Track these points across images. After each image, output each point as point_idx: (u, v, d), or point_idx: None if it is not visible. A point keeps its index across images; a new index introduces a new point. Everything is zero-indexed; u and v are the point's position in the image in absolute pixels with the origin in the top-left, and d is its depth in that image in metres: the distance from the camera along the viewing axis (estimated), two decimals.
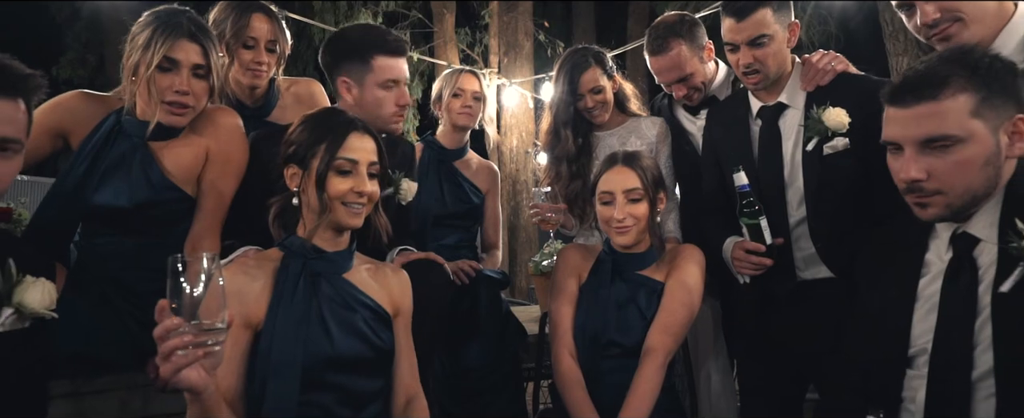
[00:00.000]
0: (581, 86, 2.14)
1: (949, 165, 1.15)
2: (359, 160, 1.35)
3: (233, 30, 1.90)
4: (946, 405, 1.14)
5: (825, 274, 1.76)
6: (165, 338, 0.98)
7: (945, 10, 1.47)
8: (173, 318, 0.98)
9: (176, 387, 1.04)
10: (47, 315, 1.21)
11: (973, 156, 1.15)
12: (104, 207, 1.58)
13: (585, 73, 2.14)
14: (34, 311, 1.19)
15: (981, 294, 1.14)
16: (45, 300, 1.21)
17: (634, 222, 1.66)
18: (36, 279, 1.20)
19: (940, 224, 1.25)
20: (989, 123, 1.15)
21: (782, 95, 1.84)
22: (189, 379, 1.01)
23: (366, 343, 1.32)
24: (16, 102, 1.16)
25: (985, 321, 1.12)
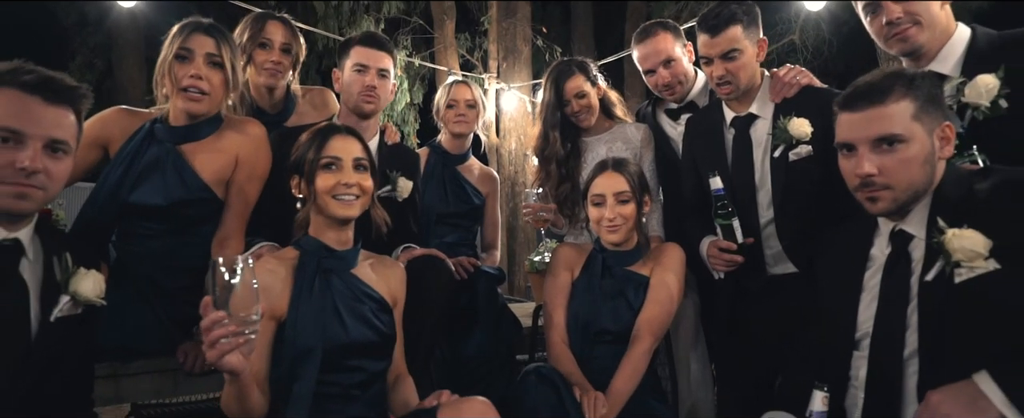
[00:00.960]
0: (566, 92, 2.31)
1: (896, 162, 1.32)
2: (342, 157, 1.53)
3: (250, 34, 2.13)
4: (882, 381, 1.31)
5: (792, 270, 1.94)
6: (211, 329, 1.15)
7: (908, 11, 1.65)
8: (217, 312, 1.15)
9: (219, 369, 1.21)
10: (98, 302, 1.39)
11: (915, 154, 1.32)
12: (141, 205, 1.75)
13: (569, 80, 2.32)
14: (87, 299, 1.37)
15: (912, 283, 1.31)
16: (96, 289, 1.38)
17: (623, 221, 1.84)
18: (88, 271, 1.38)
19: (882, 223, 1.42)
20: (925, 126, 1.33)
21: (753, 106, 2.01)
22: (230, 363, 1.18)
23: (374, 330, 1.50)
24: (66, 110, 1.33)
25: (915, 307, 1.29)
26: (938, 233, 1.25)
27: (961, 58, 1.64)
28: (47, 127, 1.28)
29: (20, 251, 1.29)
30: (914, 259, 1.33)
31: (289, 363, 1.42)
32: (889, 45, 1.73)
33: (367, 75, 2.03)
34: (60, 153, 1.31)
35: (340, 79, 2.10)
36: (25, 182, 1.24)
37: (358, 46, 2.05)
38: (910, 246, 1.35)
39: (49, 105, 1.29)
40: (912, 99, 1.34)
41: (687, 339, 2.20)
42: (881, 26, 1.71)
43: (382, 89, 2.06)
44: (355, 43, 2.07)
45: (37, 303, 1.30)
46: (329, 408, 1.43)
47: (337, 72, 2.12)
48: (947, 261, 1.23)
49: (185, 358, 1.74)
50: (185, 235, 1.82)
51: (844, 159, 1.42)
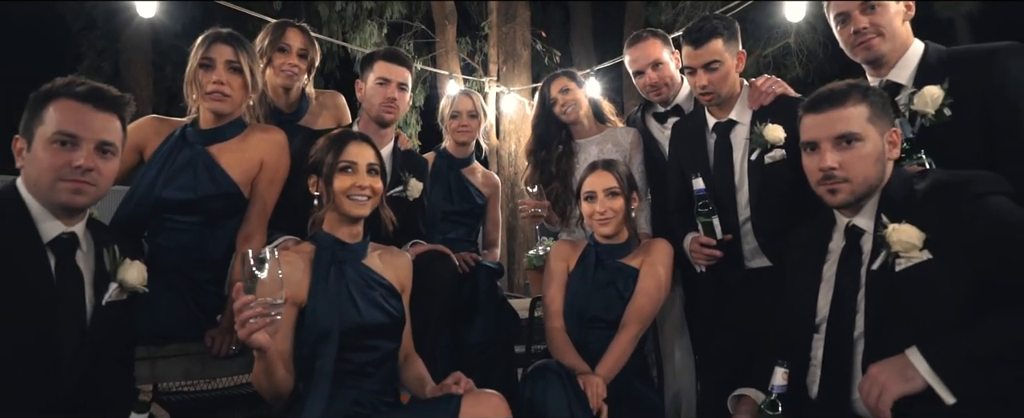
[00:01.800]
0: (552, 90, 2.54)
1: (854, 158, 1.50)
2: (358, 162, 1.71)
3: (271, 39, 2.34)
4: (836, 359, 1.49)
5: (767, 264, 2.11)
6: (242, 310, 1.32)
7: (874, 23, 1.82)
8: (247, 296, 1.32)
9: (249, 345, 1.39)
10: (141, 289, 1.57)
11: (870, 152, 1.50)
12: (174, 200, 1.93)
13: (554, 81, 2.57)
14: (132, 286, 1.54)
15: (862, 273, 1.48)
16: (140, 278, 1.56)
17: (613, 214, 2.02)
18: (132, 261, 1.56)
19: (838, 219, 1.60)
20: (877, 128, 1.51)
21: (732, 112, 2.18)
22: (258, 340, 1.36)
23: (384, 313, 1.68)
24: (112, 116, 1.49)
25: (863, 294, 1.46)
26: (882, 228, 1.42)
27: (915, 70, 1.81)
28: (97, 131, 1.45)
29: (75, 243, 1.46)
30: (864, 251, 1.50)
31: (310, 344, 1.59)
32: (855, 52, 1.91)
33: (388, 88, 2.25)
34: (109, 154, 1.48)
35: (363, 89, 2.31)
36: (80, 179, 1.41)
37: (381, 61, 2.27)
38: (862, 240, 1.52)
39: (99, 112, 1.46)
40: (867, 104, 1.52)
41: (672, 330, 2.38)
42: (850, 35, 1.88)
43: (401, 101, 2.27)
44: (378, 58, 2.28)
45: (91, 289, 1.47)
46: (348, 383, 1.61)
47: (359, 83, 2.33)
48: (888, 252, 1.40)
49: (212, 343, 1.91)
50: (212, 228, 2.00)
51: (808, 156, 1.59)
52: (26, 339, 1.34)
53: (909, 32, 1.89)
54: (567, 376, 1.80)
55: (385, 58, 2.28)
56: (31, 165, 1.41)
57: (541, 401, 1.73)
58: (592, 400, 1.76)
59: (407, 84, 2.30)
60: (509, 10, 7.42)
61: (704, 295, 2.27)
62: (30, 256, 1.38)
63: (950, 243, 1.34)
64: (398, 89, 2.26)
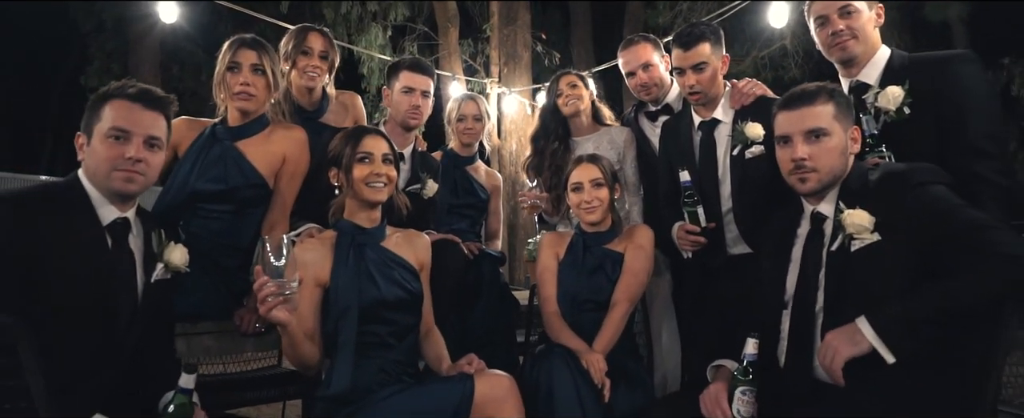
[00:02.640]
0: (561, 84, 2.77)
1: (822, 150, 1.68)
2: (374, 152, 1.89)
3: (294, 43, 2.53)
4: (800, 331, 1.67)
5: (747, 250, 2.29)
6: (261, 290, 1.51)
7: (850, 27, 2.02)
8: (264, 278, 1.51)
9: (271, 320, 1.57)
10: (183, 269, 1.76)
11: (835, 145, 1.68)
12: (206, 191, 2.13)
13: (565, 76, 2.82)
14: (176, 267, 1.73)
15: (823, 254, 1.67)
16: (182, 259, 1.75)
17: (599, 203, 2.21)
18: (176, 244, 1.75)
19: (806, 207, 1.78)
20: (841, 125, 1.70)
21: (717, 112, 2.38)
22: (277, 316, 1.54)
23: (403, 289, 1.86)
24: (159, 114, 1.68)
25: (824, 272, 1.65)
26: (839, 213, 1.61)
27: (881, 72, 2.00)
28: (146, 127, 1.63)
29: (128, 227, 1.65)
30: (826, 235, 1.69)
31: (334, 319, 1.78)
32: (831, 53, 2.10)
33: (413, 96, 2.50)
34: (156, 147, 1.67)
35: (389, 96, 2.56)
36: (131, 169, 1.60)
37: (405, 71, 2.51)
38: (824, 225, 1.71)
39: (147, 110, 1.65)
40: (833, 104, 1.71)
41: (661, 314, 2.57)
42: (827, 36, 2.07)
43: (425, 107, 2.52)
44: (403, 68, 2.53)
45: (141, 269, 1.66)
46: (372, 354, 1.80)
47: (387, 90, 2.58)
48: (844, 235, 1.59)
49: (240, 321, 2.10)
50: (240, 217, 2.19)
51: (781, 149, 1.78)
52: (90, 310, 1.52)
53: (878, 38, 2.08)
54: (570, 357, 1.96)
55: (409, 68, 2.52)
56: (90, 157, 1.61)
57: (547, 382, 1.88)
58: (596, 376, 1.93)
59: (429, 91, 2.53)
60: (510, 13, 7.63)
61: (690, 279, 2.46)
62: (92, 237, 1.57)
63: (896, 226, 1.53)
64: (421, 97, 2.51)
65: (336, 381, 1.74)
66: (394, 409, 1.69)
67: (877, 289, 1.52)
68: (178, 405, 1.51)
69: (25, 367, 1.18)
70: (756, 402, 1.63)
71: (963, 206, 1.50)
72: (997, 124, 1.83)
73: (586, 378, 1.90)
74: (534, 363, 1.97)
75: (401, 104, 2.53)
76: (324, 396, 1.75)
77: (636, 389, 2.14)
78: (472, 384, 1.72)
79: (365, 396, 1.73)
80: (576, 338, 2.12)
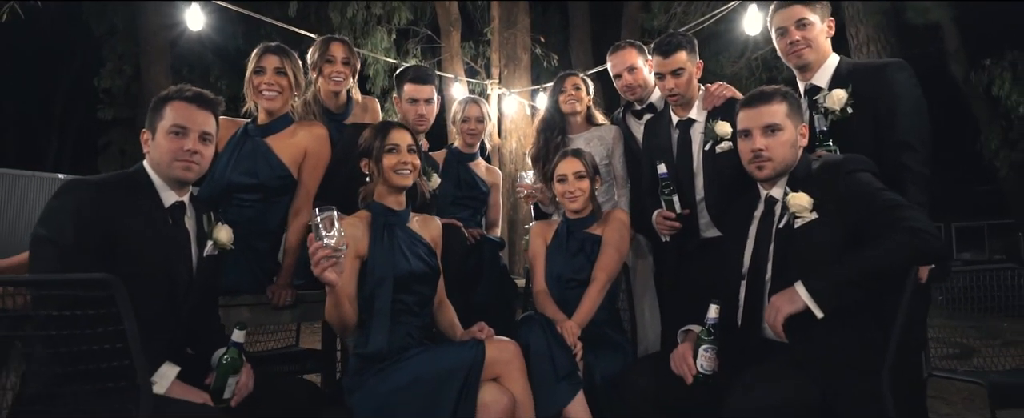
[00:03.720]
0: (565, 84, 3.10)
1: (776, 143, 1.98)
2: (400, 144, 2.18)
3: (319, 53, 2.83)
4: (753, 298, 1.97)
5: (718, 234, 2.59)
6: (315, 253, 1.80)
7: (804, 37, 2.32)
8: (319, 243, 1.80)
9: (322, 280, 1.85)
10: (228, 247, 2.05)
11: (787, 139, 1.98)
12: (239, 183, 2.43)
13: (569, 78, 3.14)
14: (223, 244, 2.03)
15: (773, 232, 1.97)
16: (228, 238, 2.04)
17: (581, 193, 2.51)
18: (223, 224, 2.04)
19: (761, 191, 2.08)
20: (792, 122, 1.99)
21: (692, 112, 2.68)
22: (328, 277, 1.83)
23: (426, 265, 2.16)
24: (210, 113, 1.97)
25: (773, 247, 1.95)
26: (785, 195, 1.91)
27: (831, 76, 2.30)
28: (200, 124, 1.93)
29: (184, 210, 1.95)
30: (776, 215, 1.99)
31: (371, 287, 2.08)
32: (788, 59, 2.40)
33: (417, 106, 2.82)
34: (207, 141, 1.96)
35: (399, 103, 2.89)
36: (189, 160, 1.89)
37: (408, 83, 2.83)
38: (775, 207, 2.01)
39: (200, 110, 1.94)
40: (786, 104, 2.00)
41: (643, 291, 2.88)
42: (786, 44, 2.37)
43: (429, 113, 2.84)
44: (406, 80, 2.83)
45: (195, 245, 1.96)
46: (400, 320, 2.10)
47: (396, 97, 2.90)
48: (789, 214, 1.89)
49: (272, 295, 2.41)
50: (269, 205, 2.50)
51: (742, 141, 2.07)
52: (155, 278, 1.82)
53: (829, 47, 2.37)
54: (546, 322, 2.28)
55: (412, 81, 2.83)
56: (154, 150, 1.90)
57: (525, 343, 2.19)
58: (569, 338, 2.24)
59: (432, 97, 2.84)
60: (510, 17, 7.92)
61: (668, 261, 2.75)
62: (156, 217, 1.86)
63: (830, 206, 1.83)
64: (425, 104, 2.83)
65: (373, 341, 2.04)
66: (419, 366, 1.99)
67: (814, 258, 1.82)
68: (231, 357, 1.81)
69: (122, 314, 1.47)
70: (717, 358, 1.93)
71: (883, 189, 1.80)
72: (922, 123, 2.13)
73: (560, 341, 2.21)
74: (518, 328, 2.29)
75: (408, 113, 2.86)
76: (362, 353, 2.06)
77: (619, 355, 2.45)
78: (483, 347, 2.03)
79: (394, 355, 2.04)
80: (557, 310, 2.44)
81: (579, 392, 2.14)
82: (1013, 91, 7.57)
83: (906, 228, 1.68)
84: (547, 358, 2.13)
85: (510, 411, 1.98)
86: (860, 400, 1.66)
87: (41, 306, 1.55)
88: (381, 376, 2.01)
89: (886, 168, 2.00)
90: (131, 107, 10.86)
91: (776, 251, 1.93)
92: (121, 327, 1.47)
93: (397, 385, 1.98)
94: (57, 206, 1.71)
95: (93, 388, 1.52)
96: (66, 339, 1.49)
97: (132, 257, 1.75)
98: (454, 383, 1.96)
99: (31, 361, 1.62)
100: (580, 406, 2.12)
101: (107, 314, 1.48)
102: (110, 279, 1.45)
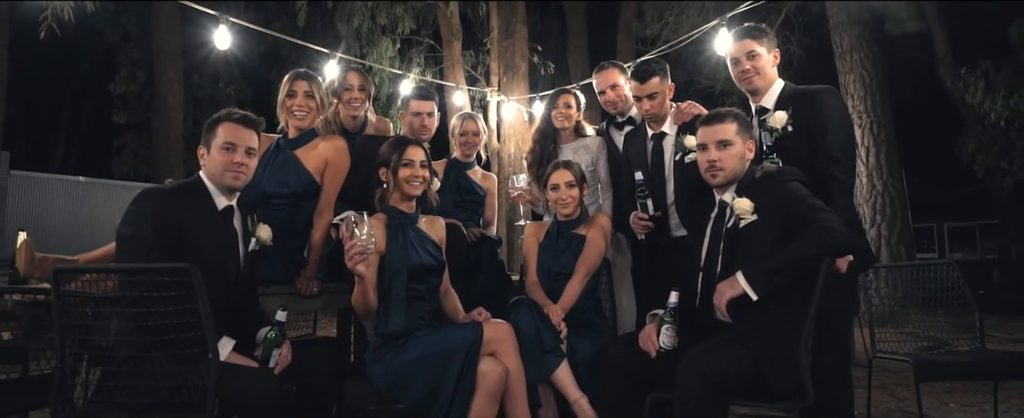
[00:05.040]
0: (559, 101, 3.50)
1: (728, 156, 2.36)
2: (414, 159, 2.59)
3: (339, 81, 3.26)
4: (708, 287, 2.36)
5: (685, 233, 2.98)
6: (350, 249, 2.21)
7: (754, 66, 2.69)
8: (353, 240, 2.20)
9: (354, 272, 2.26)
10: (268, 244, 2.45)
11: (737, 153, 2.37)
12: (272, 192, 2.83)
13: (563, 96, 3.54)
14: (264, 241, 2.43)
15: (723, 231, 2.36)
16: (268, 236, 2.44)
17: (571, 200, 2.91)
18: (263, 224, 2.44)
19: (716, 196, 2.47)
20: (742, 138, 2.38)
21: (664, 127, 3.07)
22: (360, 269, 2.24)
23: (433, 258, 2.56)
24: (253, 132, 2.36)
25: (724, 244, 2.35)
26: (732, 200, 2.31)
27: (776, 100, 2.69)
28: (246, 141, 2.32)
29: (233, 212, 2.35)
30: (727, 216, 2.39)
31: (389, 278, 2.48)
32: (740, 85, 2.78)
33: (421, 118, 3.24)
34: (251, 155, 2.35)
35: (405, 118, 3.32)
36: (237, 170, 2.29)
37: (413, 100, 3.27)
38: (726, 209, 2.40)
39: (246, 129, 2.34)
40: (737, 123, 2.40)
41: (621, 283, 3.28)
42: (739, 72, 2.75)
43: (431, 124, 3.26)
44: (412, 98, 3.28)
45: (241, 242, 2.36)
46: (413, 305, 2.50)
47: (403, 113, 3.33)
48: (735, 216, 2.29)
49: (301, 286, 2.81)
50: (298, 208, 2.90)
51: (700, 153, 2.46)
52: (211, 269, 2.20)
53: (775, 73, 2.75)
54: (534, 306, 2.69)
55: (417, 97, 3.28)
56: (209, 164, 2.30)
57: (515, 323, 2.59)
58: (554, 320, 2.65)
59: (434, 111, 3.25)
60: (509, 27, 8.32)
61: (643, 256, 3.15)
62: (212, 218, 2.26)
63: (767, 210, 2.23)
64: (427, 117, 3.26)
65: (392, 322, 2.45)
66: (429, 344, 2.40)
67: (754, 252, 2.22)
68: (275, 333, 2.21)
69: (197, 296, 1.87)
70: (676, 336, 2.32)
71: (808, 196, 2.20)
72: (847, 140, 2.52)
73: (546, 321, 2.62)
74: (509, 311, 2.70)
75: (413, 124, 3.29)
76: (381, 332, 2.46)
77: (599, 336, 2.85)
78: (482, 328, 2.43)
79: (408, 334, 2.45)
80: (545, 297, 2.84)
81: (563, 361, 2.54)
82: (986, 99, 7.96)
83: (820, 227, 2.08)
84: (535, 336, 2.53)
85: (504, 380, 2.38)
86: (782, 367, 2.06)
87: (129, 290, 1.95)
88: (397, 351, 2.42)
89: (818, 177, 2.40)
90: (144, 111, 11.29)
91: (725, 247, 2.33)
92: (195, 306, 1.87)
93: (411, 359, 2.38)
94: (137, 210, 2.12)
95: (169, 354, 1.92)
96: (150, 315, 1.89)
97: (195, 251, 2.15)
98: (458, 357, 2.36)
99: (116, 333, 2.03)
100: (565, 373, 2.53)
101: (182, 296, 1.88)
102: (190, 268, 1.85)
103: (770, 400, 2.10)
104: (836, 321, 2.36)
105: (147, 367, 1.93)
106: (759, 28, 2.73)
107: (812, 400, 2.05)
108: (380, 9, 8.89)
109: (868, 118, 8.02)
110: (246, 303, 2.40)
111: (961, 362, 2.86)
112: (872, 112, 8.00)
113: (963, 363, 2.85)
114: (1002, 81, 7.78)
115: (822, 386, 2.21)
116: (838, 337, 2.42)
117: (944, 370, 2.81)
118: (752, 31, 2.70)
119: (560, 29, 12.69)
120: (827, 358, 2.30)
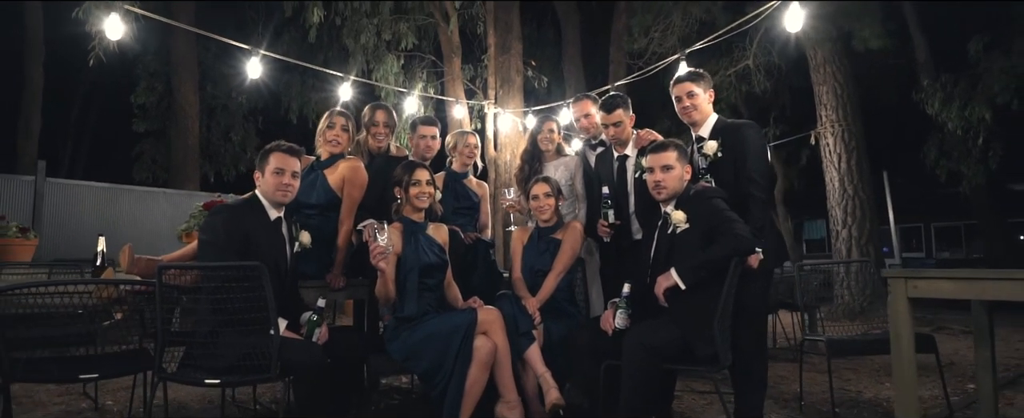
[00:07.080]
0: (543, 127, 4.16)
1: (670, 178, 3.02)
2: (421, 179, 3.26)
3: (368, 117, 3.94)
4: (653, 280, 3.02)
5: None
6: (374, 250, 2.88)
7: (692, 104, 3.33)
8: (375, 243, 2.87)
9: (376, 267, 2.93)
10: (308, 246, 3.11)
11: (677, 175, 3.02)
12: (307, 203, 3.49)
13: (547, 121, 4.20)
14: (304, 245, 3.09)
15: (667, 237, 3.02)
16: (308, 240, 3.11)
17: (549, 208, 3.58)
18: (304, 230, 3.11)
19: (662, 209, 3.13)
20: (680, 163, 3.03)
21: (627, 150, 3.73)
22: (381, 266, 2.92)
23: (439, 259, 3.22)
24: (297, 159, 3.02)
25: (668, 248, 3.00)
26: (672, 212, 2.97)
27: (710, 130, 3.34)
28: (292, 166, 2.98)
29: (281, 222, 3.01)
30: (669, 225, 3.04)
31: (404, 273, 3.14)
32: (682, 117, 3.43)
33: (426, 140, 3.96)
34: (296, 177, 3.01)
35: (413, 139, 4.01)
36: (286, 189, 2.95)
37: (420, 126, 3.98)
38: (669, 220, 3.06)
39: (292, 157, 3.00)
40: (677, 151, 3.05)
41: (592, 279, 3.94)
42: (680, 108, 3.39)
43: (434, 145, 3.97)
44: (419, 124, 3.99)
45: (288, 245, 3.02)
46: (423, 295, 3.16)
47: (411, 135, 4.04)
48: (673, 225, 2.94)
49: (330, 280, 3.47)
50: (325, 217, 3.56)
51: (648, 174, 3.11)
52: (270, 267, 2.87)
53: (710, 108, 3.39)
54: (515, 297, 3.37)
55: (423, 124, 3.98)
56: (264, 184, 2.95)
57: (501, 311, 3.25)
58: (530, 309, 3.31)
59: (436, 134, 3.94)
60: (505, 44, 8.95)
61: (609, 256, 3.82)
62: (267, 227, 2.92)
63: (696, 220, 2.89)
64: (431, 139, 3.96)
65: (407, 308, 3.12)
66: (435, 325, 3.06)
67: (685, 253, 2.88)
68: (316, 318, 2.87)
69: (264, 286, 2.52)
70: (629, 318, 2.99)
71: (725, 210, 2.86)
72: (764, 165, 3.15)
73: (523, 311, 3.29)
74: (494, 302, 3.35)
75: (419, 145, 3.99)
76: (398, 316, 3.13)
77: (571, 321, 3.51)
78: (477, 313, 3.09)
79: (419, 317, 3.11)
80: (525, 291, 3.51)
81: (534, 343, 3.21)
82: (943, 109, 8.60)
83: (731, 234, 2.74)
84: (512, 321, 3.20)
85: (494, 353, 3.04)
86: (701, 340, 2.73)
87: (209, 281, 2.60)
88: (409, 331, 3.08)
89: (739, 194, 3.06)
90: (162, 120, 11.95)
91: (666, 248, 2.99)
92: (262, 293, 2.53)
93: (421, 337, 3.05)
94: (212, 221, 2.78)
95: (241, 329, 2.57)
96: (227, 301, 2.54)
97: (256, 253, 2.81)
98: (458, 335, 3.02)
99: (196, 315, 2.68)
100: (535, 352, 3.20)
101: (251, 286, 2.53)
102: (259, 265, 2.52)
103: (693, 363, 2.76)
104: (753, 305, 3.02)
105: (225, 339, 2.59)
106: (697, 73, 3.39)
107: (726, 364, 2.72)
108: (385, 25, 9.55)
109: (840, 126, 8.66)
110: (291, 294, 3.06)
111: (864, 341, 3.53)
112: (843, 121, 8.63)
113: (865, 341, 3.52)
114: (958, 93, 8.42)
115: (742, 353, 2.89)
116: (755, 317, 3.08)
117: (848, 347, 3.47)
118: (692, 75, 3.36)
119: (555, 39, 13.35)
120: (746, 333, 2.97)
